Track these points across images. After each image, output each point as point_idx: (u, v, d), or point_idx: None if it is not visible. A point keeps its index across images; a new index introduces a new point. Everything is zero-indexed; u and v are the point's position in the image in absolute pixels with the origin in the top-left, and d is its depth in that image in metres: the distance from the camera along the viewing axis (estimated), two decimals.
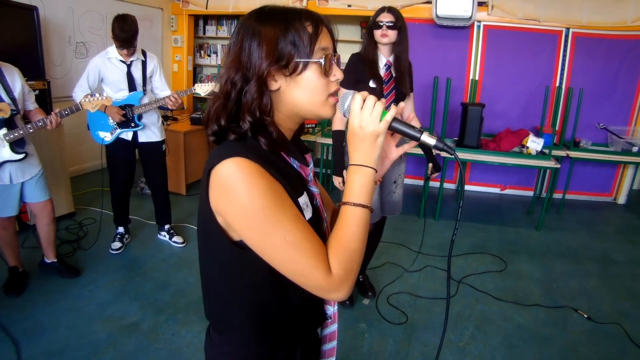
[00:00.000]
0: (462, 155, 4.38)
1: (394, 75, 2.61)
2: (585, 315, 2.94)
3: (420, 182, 5.34)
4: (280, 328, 0.98)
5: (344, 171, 2.68)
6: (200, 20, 6.88)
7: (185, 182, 4.85)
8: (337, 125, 2.67)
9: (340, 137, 2.68)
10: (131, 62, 3.25)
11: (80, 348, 2.44)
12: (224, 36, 6.79)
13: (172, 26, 6.55)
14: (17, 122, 2.69)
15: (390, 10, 2.54)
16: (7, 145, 2.61)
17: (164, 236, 3.77)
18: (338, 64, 0.93)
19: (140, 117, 3.33)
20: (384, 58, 2.61)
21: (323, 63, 0.87)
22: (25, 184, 2.79)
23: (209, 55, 6.99)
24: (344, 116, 0.92)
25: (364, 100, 0.88)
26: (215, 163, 0.82)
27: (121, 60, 3.22)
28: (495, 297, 3.14)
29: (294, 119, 0.95)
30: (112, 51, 3.21)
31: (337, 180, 2.68)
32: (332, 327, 1.11)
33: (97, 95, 2.96)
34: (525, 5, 4.99)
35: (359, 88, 2.53)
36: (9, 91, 2.63)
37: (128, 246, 3.64)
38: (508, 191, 5.60)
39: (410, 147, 0.97)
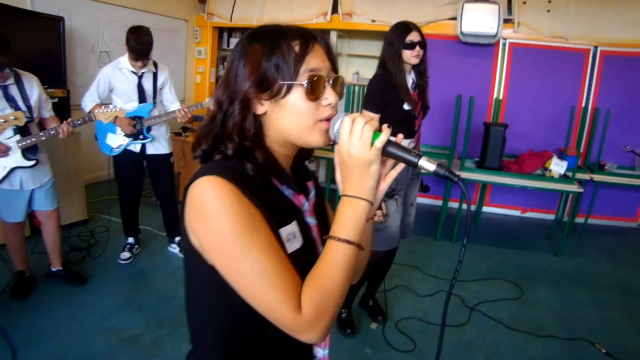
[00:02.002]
0: (483, 177, 4.26)
1: (417, 92, 2.56)
2: (604, 350, 2.76)
3: (438, 203, 5.21)
4: (250, 357, 0.92)
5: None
6: (224, 32, 6.95)
7: None
8: None
9: None
10: (142, 73, 3.24)
11: (77, 358, 2.42)
12: None
13: (196, 38, 6.64)
14: (31, 129, 2.72)
15: (416, 27, 2.45)
16: (19, 151, 2.64)
17: (174, 248, 3.75)
18: (342, 86, 0.87)
19: (149, 129, 3.33)
20: (409, 77, 2.53)
21: (306, 86, 0.80)
22: (35, 191, 2.81)
23: None
24: (335, 142, 0.85)
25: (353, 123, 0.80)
26: (192, 181, 0.79)
27: (132, 71, 3.22)
28: (509, 326, 2.99)
29: (285, 145, 0.89)
30: (124, 61, 3.21)
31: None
32: None
33: (111, 106, 2.98)
34: (552, 23, 4.87)
35: (392, 111, 2.47)
36: (25, 99, 2.67)
37: (137, 257, 3.63)
38: (529, 214, 5.41)
39: (397, 174, 0.88)
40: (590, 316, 3.21)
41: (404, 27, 2.44)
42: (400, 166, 0.86)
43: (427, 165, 0.79)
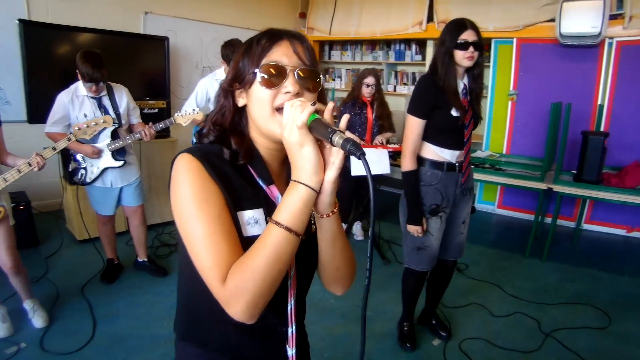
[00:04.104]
0: (578, 191, 3.84)
1: (468, 99, 2.33)
2: None
3: (530, 217, 4.80)
4: (206, 333, 0.99)
5: (424, 219, 2.42)
6: (325, 45, 7.15)
7: None
8: (407, 165, 2.34)
9: (412, 179, 2.36)
10: None
11: (141, 338, 2.72)
12: (348, 61, 6.95)
13: None
14: (120, 133, 3.11)
15: (473, 26, 2.20)
16: (109, 153, 3.04)
17: None
18: (314, 81, 0.89)
19: None
20: (461, 82, 2.30)
21: (260, 73, 0.87)
22: (123, 188, 3.21)
23: (334, 79, 7.11)
24: None
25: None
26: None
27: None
28: (586, 359, 2.64)
29: (264, 136, 0.93)
30: (220, 73, 3.53)
31: (414, 230, 2.40)
32: None
33: (190, 110, 3.23)
34: None
35: (437, 117, 2.28)
36: (115, 107, 3.06)
37: None
38: (635, 234, 4.71)
39: (341, 162, 0.82)
40: None
41: (458, 25, 2.19)
42: (341, 152, 0.81)
43: (337, 139, 0.76)
